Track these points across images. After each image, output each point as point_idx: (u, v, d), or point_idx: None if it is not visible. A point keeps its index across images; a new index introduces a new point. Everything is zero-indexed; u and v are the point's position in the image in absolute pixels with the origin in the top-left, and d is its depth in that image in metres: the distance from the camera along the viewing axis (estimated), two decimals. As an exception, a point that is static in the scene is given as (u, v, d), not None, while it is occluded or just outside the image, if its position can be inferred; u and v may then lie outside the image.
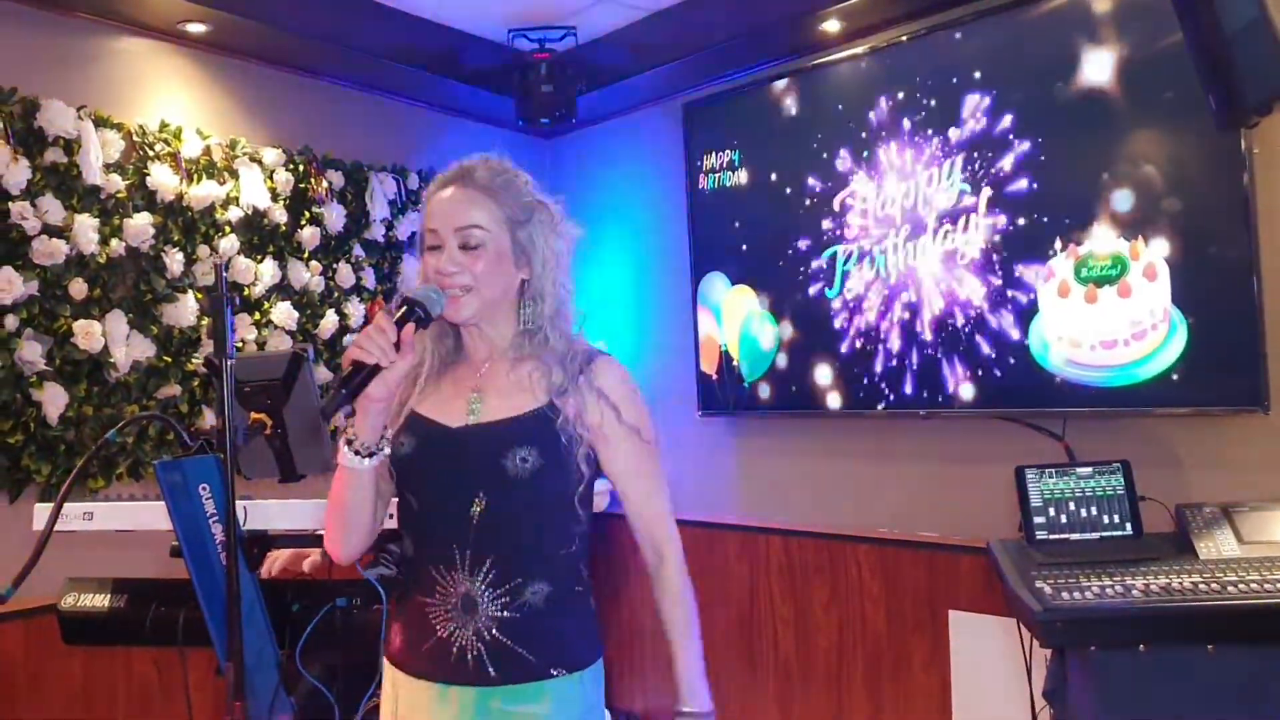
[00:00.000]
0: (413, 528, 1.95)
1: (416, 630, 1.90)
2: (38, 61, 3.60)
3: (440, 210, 1.93)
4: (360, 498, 1.90)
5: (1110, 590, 2.56)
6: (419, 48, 4.55)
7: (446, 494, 1.89)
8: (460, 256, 1.89)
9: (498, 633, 1.85)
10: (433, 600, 1.88)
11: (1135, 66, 3.36)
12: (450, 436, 1.91)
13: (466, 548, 1.86)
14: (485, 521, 1.86)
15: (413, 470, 1.92)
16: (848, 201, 4.12)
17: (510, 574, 1.87)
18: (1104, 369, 3.44)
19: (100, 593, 2.69)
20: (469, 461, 1.89)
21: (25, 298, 3.43)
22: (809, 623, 4.41)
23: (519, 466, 1.86)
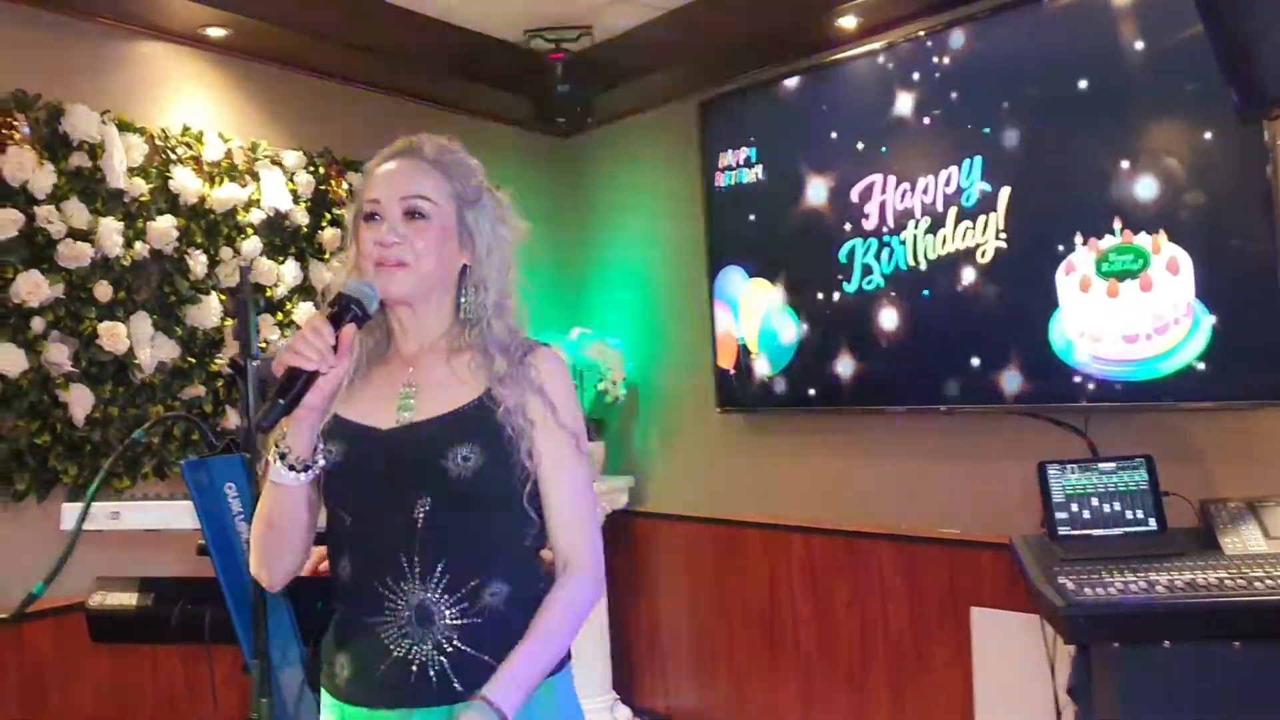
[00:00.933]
0: (348, 544, 1.76)
1: (366, 656, 1.71)
2: (61, 67, 3.63)
3: (384, 180, 1.80)
4: (294, 516, 1.75)
5: (1134, 586, 2.55)
6: (436, 49, 4.57)
7: (384, 502, 1.73)
8: (403, 228, 1.76)
9: (459, 642, 1.69)
10: (382, 619, 1.70)
11: (1156, 58, 3.34)
12: (382, 440, 1.75)
13: (414, 554, 1.69)
14: (431, 524, 1.70)
15: (343, 480, 1.75)
16: (866, 196, 4.12)
17: (466, 576, 1.71)
18: (1126, 363, 3.42)
19: (127, 591, 2.72)
20: (405, 466, 1.73)
21: (51, 300, 3.46)
22: (831, 620, 4.41)
23: (461, 466, 1.71)
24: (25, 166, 3.40)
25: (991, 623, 3.84)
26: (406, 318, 1.84)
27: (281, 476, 1.70)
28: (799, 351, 4.38)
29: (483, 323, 1.82)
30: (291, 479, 1.70)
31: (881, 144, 4.07)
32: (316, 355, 1.63)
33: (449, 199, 1.81)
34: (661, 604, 5.10)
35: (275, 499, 1.73)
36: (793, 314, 4.39)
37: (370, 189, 1.80)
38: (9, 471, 3.40)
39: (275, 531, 1.76)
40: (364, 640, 1.72)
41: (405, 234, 1.75)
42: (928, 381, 3.94)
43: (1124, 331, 3.42)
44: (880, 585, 4.25)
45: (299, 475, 1.70)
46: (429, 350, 1.84)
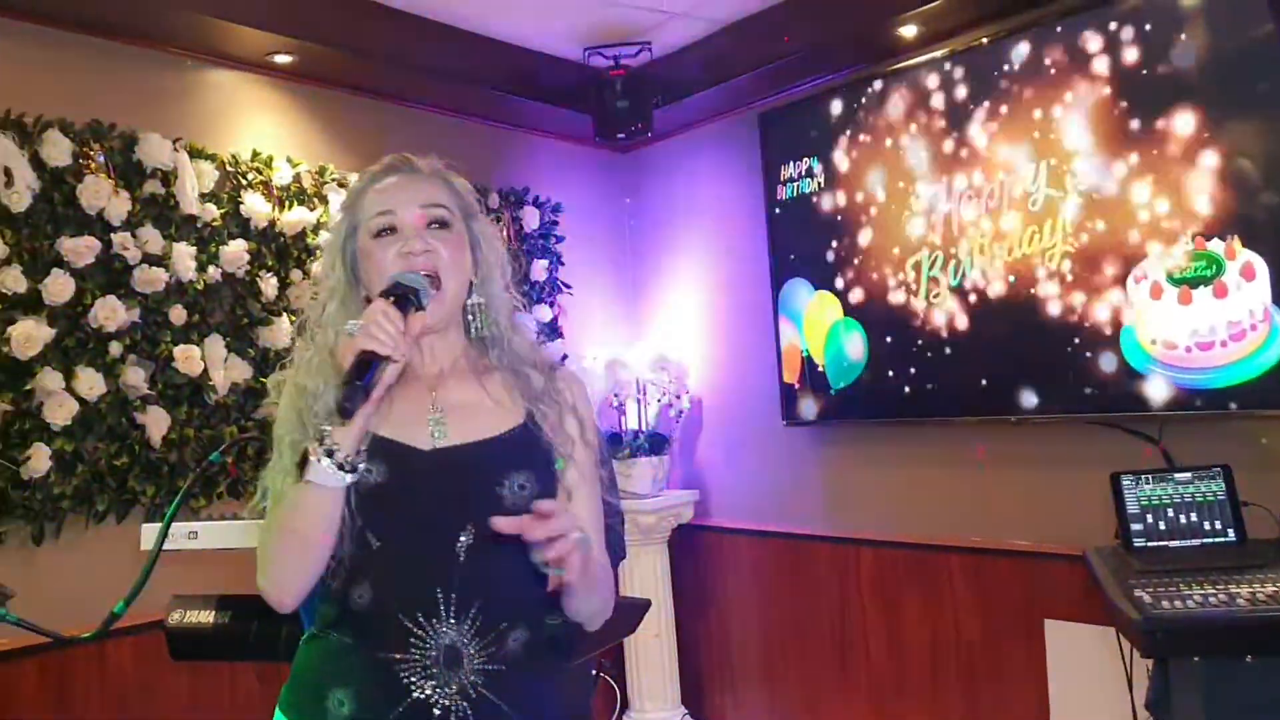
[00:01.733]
0: (373, 570, 1.61)
1: (380, 694, 1.57)
2: (135, 97, 3.73)
3: (394, 191, 1.72)
4: (329, 523, 1.58)
5: (1213, 599, 2.50)
6: (498, 69, 4.62)
7: (425, 528, 1.61)
8: (427, 236, 1.68)
9: (484, 688, 1.58)
10: (405, 656, 1.57)
11: (1226, 58, 3.29)
12: (429, 461, 1.64)
13: (452, 590, 1.59)
14: (473, 558, 1.60)
15: (382, 501, 1.60)
16: (931, 205, 4.09)
17: (497, 618, 1.61)
18: (1201, 371, 3.37)
19: (205, 609, 2.75)
20: (456, 489, 1.63)
21: (128, 325, 3.54)
22: (902, 635, 4.37)
23: (517, 494, 1.62)
24: (102, 194, 3.49)
25: (1066, 636, 3.78)
26: (425, 340, 1.74)
27: (325, 477, 1.54)
28: (865, 364, 4.35)
29: (503, 341, 1.77)
30: (337, 480, 1.55)
31: (945, 151, 4.04)
32: (390, 340, 1.53)
33: (458, 210, 1.76)
34: (729, 618, 5.08)
35: (310, 504, 1.57)
36: (858, 326, 4.37)
37: (375, 203, 1.71)
38: (89, 493, 3.48)
39: (302, 541, 1.59)
40: (376, 676, 1.58)
41: (432, 243, 1.68)
42: (996, 392, 3.90)
43: (1198, 338, 3.36)
44: (952, 598, 4.21)
45: (345, 475, 1.55)
46: (451, 371, 1.75)
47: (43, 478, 3.33)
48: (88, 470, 3.46)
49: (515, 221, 5.02)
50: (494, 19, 4.39)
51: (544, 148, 5.26)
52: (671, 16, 4.46)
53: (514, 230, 5.00)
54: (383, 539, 1.60)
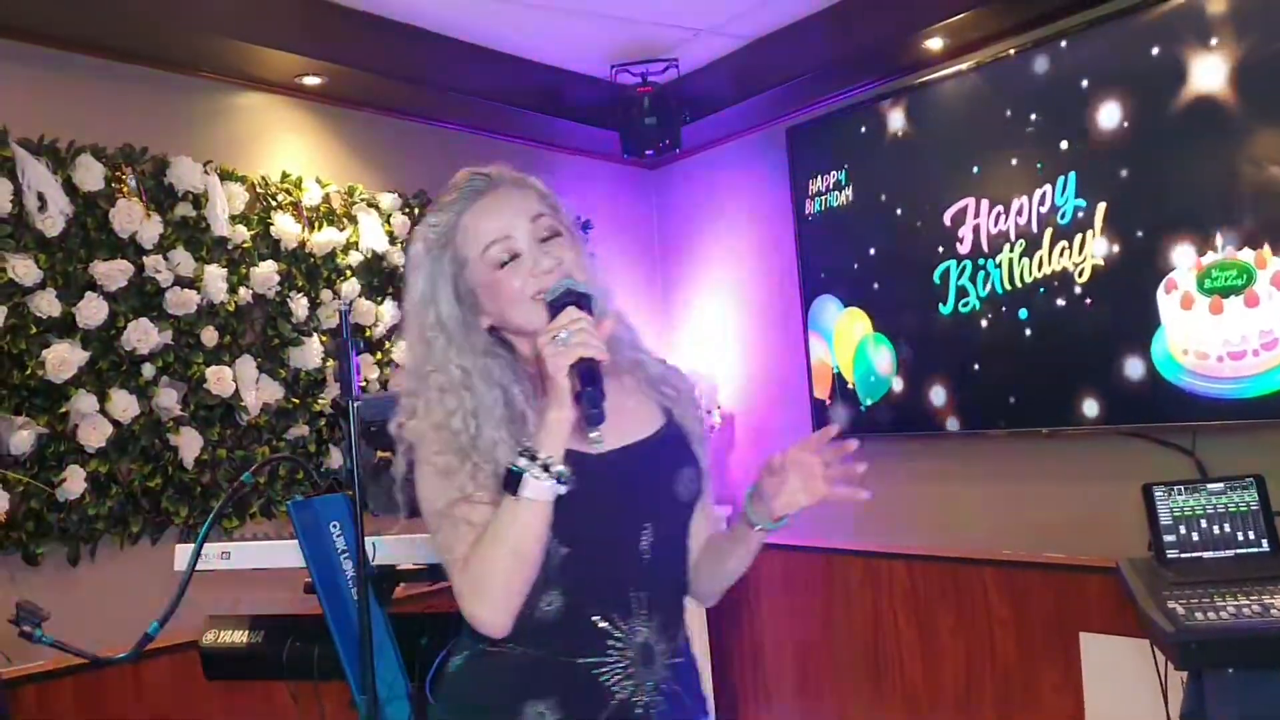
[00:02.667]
0: (563, 578, 1.59)
1: (581, 701, 1.57)
2: (166, 121, 3.77)
3: (494, 216, 1.65)
4: (544, 534, 1.54)
5: (1247, 609, 2.47)
6: (525, 88, 4.64)
7: (613, 529, 1.62)
8: (547, 249, 1.63)
9: (672, 683, 1.63)
10: (604, 659, 1.58)
11: (1255, 67, 3.26)
12: (602, 465, 1.60)
13: (642, 589, 1.61)
14: (656, 555, 1.63)
15: (568, 508, 1.55)
16: (959, 219, 4.08)
17: (673, 614, 1.67)
18: (1233, 380, 3.33)
19: (239, 629, 2.79)
20: (637, 490, 1.64)
21: (161, 347, 3.58)
22: (936, 648, 4.34)
23: (687, 488, 1.68)
24: (134, 218, 3.53)
25: (1101, 648, 3.75)
26: None
27: (541, 492, 1.49)
28: (895, 378, 4.33)
29: (624, 343, 1.75)
30: (552, 492, 1.50)
31: (973, 165, 4.02)
32: (597, 342, 1.51)
33: (553, 211, 1.70)
34: (763, 632, 5.06)
35: (528, 521, 1.51)
36: (887, 341, 4.35)
37: (484, 234, 1.64)
38: (124, 514, 3.51)
39: (522, 558, 1.53)
40: (575, 683, 1.57)
41: (554, 254, 1.63)
42: (1028, 404, 3.88)
43: (1230, 348, 3.32)
44: (986, 611, 4.18)
45: (559, 487, 1.51)
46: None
47: (78, 499, 3.36)
48: (122, 492, 3.49)
49: (544, 239, 5.03)
50: (520, 38, 4.41)
51: (572, 165, 5.28)
52: (698, 33, 4.47)
53: (542, 248, 5.01)
54: (569, 544, 1.58)
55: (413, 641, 2.51)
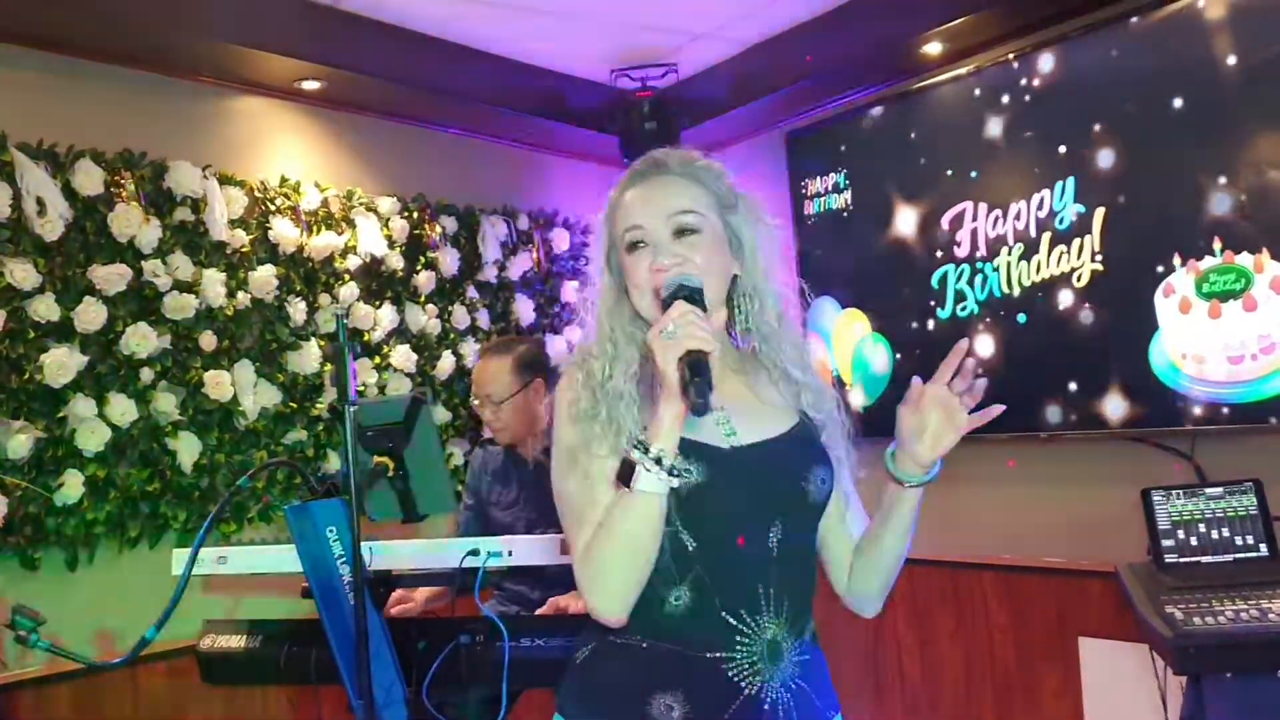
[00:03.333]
0: (690, 572, 1.60)
1: (711, 696, 1.57)
2: (165, 125, 3.78)
3: (640, 203, 1.68)
4: (660, 527, 1.54)
5: (1245, 614, 2.47)
6: (525, 92, 4.64)
7: (742, 525, 1.61)
8: (677, 247, 1.64)
9: (800, 679, 1.63)
10: (730, 654, 1.58)
11: (1251, 71, 3.26)
12: (733, 460, 1.62)
13: (770, 585, 1.61)
14: (784, 552, 1.62)
15: (699, 502, 1.57)
16: (957, 223, 4.08)
17: (803, 609, 1.66)
18: (1232, 385, 3.33)
19: (236, 634, 2.77)
20: (767, 485, 1.63)
21: (159, 351, 3.58)
22: (935, 653, 4.34)
23: (819, 489, 1.66)
24: (132, 222, 3.54)
25: (1101, 653, 3.74)
26: None
27: (654, 484, 1.49)
28: (892, 381, 4.33)
29: (772, 339, 1.75)
30: (664, 485, 1.50)
31: (971, 169, 4.02)
32: (707, 335, 1.48)
33: (710, 208, 1.69)
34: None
35: (642, 514, 1.52)
36: (885, 342, 4.35)
37: (626, 217, 1.68)
38: (122, 518, 3.51)
39: (637, 551, 1.54)
40: (704, 678, 1.58)
41: (681, 252, 1.63)
42: (1027, 409, 3.87)
43: (1228, 352, 3.32)
44: (985, 616, 4.17)
45: (673, 480, 1.50)
46: (718, 372, 1.56)
47: (76, 504, 3.36)
48: (120, 496, 3.50)
49: (545, 244, 5.04)
50: (520, 42, 4.42)
51: (573, 170, 5.28)
52: (696, 38, 4.48)
53: (544, 252, 5.02)
54: (700, 538, 1.59)
55: (410, 646, 2.51)
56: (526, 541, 2.50)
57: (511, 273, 4.84)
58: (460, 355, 4.54)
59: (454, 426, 4.50)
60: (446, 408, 4.48)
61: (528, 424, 3.17)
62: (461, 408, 4.52)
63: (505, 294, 4.83)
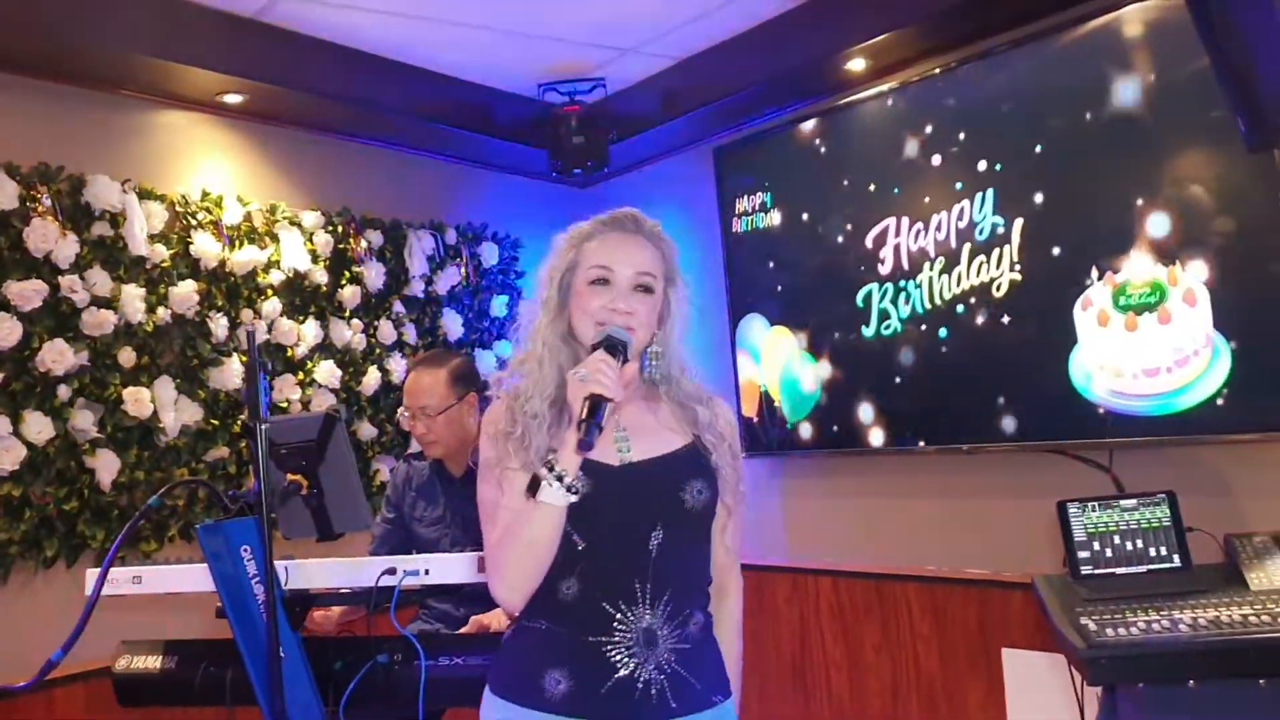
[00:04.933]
0: (580, 567, 1.88)
1: (589, 672, 1.85)
2: (83, 138, 3.72)
3: (617, 249, 1.98)
4: (557, 533, 1.84)
5: (1157, 625, 2.51)
6: (452, 106, 4.63)
7: (624, 529, 1.89)
8: (632, 299, 1.95)
9: (676, 664, 1.87)
10: (610, 638, 1.85)
11: (1169, 89, 3.33)
12: (621, 474, 1.91)
13: (648, 581, 1.87)
14: (662, 553, 1.88)
15: (586, 509, 1.86)
16: (881, 240, 4.12)
17: (682, 605, 1.90)
18: (1147, 398, 3.39)
19: (152, 654, 2.72)
20: (647, 495, 1.90)
21: (76, 368, 3.52)
22: (861, 664, 4.37)
23: (695, 498, 1.91)
24: (49, 237, 3.48)
25: (1023, 664, 3.79)
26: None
27: (555, 498, 1.80)
28: (820, 396, 4.36)
29: (673, 382, 2.04)
30: (564, 499, 1.81)
31: (894, 185, 4.07)
32: (612, 384, 1.80)
33: (661, 278, 2.00)
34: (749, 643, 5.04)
35: (542, 521, 1.82)
36: (811, 359, 4.39)
37: (598, 255, 1.97)
38: (38, 538, 3.44)
39: (536, 551, 1.84)
40: (586, 657, 1.85)
41: (635, 306, 1.93)
42: (949, 421, 3.92)
43: (1144, 365, 3.39)
44: (910, 628, 4.21)
45: (571, 496, 1.81)
46: (630, 400, 1.97)
47: (-11, 524, 3.29)
48: (36, 515, 3.43)
49: (474, 258, 5.02)
50: (446, 55, 4.41)
51: (501, 184, 5.27)
52: (624, 53, 4.50)
53: (473, 267, 5.00)
54: (586, 540, 1.87)
55: (328, 666, 2.48)
56: (444, 560, 2.48)
57: (439, 287, 4.81)
58: (386, 371, 4.51)
59: (380, 443, 4.46)
60: (373, 424, 4.43)
61: (460, 438, 3.15)
62: (388, 424, 4.48)
63: (433, 308, 4.80)
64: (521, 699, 1.89)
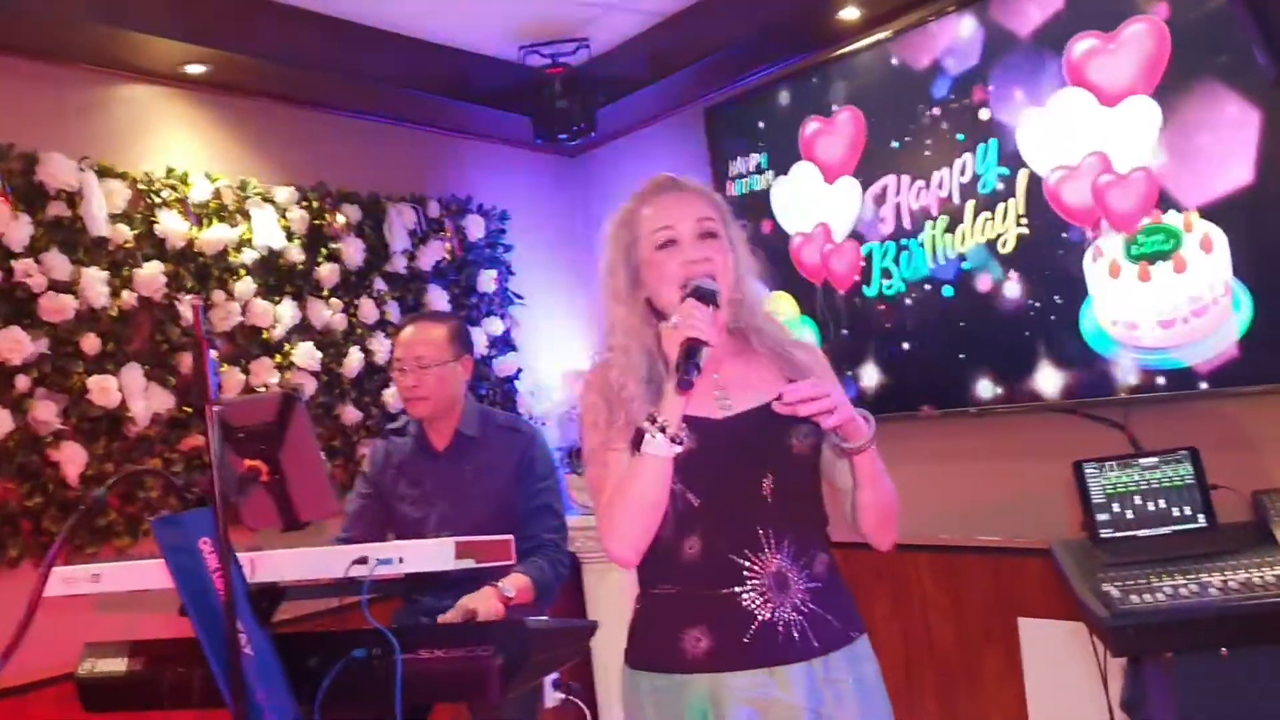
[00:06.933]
0: (699, 524, 1.92)
1: (730, 624, 1.88)
2: (35, 115, 3.55)
3: (673, 207, 1.99)
4: (666, 489, 1.87)
5: (1184, 590, 2.36)
6: (429, 72, 4.45)
7: (736, 481, 1.91)
8: (702, 247, 1.95)
9: (811, 603, 1.89)
10: (742, 588, 1.88)
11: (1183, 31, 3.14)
12: (725, 427, 1.94)
13: (769, 525, 1.90)
14: (778, 498, 1.90)
15: (696, 465, 1.89)
16: (881, 198, 3.94)
17: (805, 546, 1.92)
18: (1165, 350, 3.23)
19: (118, 657, 2.61)
20: (754, 445, 1.92)
21: (35, 357, 3.36)
22: (874, 639, 4.19)
23: (803, 442, 1.92)
24: (0, 219, 3.30)
25: (1041, 634, 3.65)
26: None
27: (660, 449, 1.82)
28: (819, 360, 4.20)
29: (761, 330, 2.05)
30: (670, 450, 1.82)
31: (892, 139, 3.90)
32: (707, 327, 1.80)
33: (721, 221, 2.01)
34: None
35: (650, 473, 1.85)
36: (812, 324, 4.21)
37: (656, 219, 1.98)
38: (1, 536, 3.28)
39: (645, 505, 1.87)
40: (722, 610, 1.88)
41: (706, 253, 1.95)
42: (956, 383, 3.76)
43: (1159, 317, 3.22)
44: (922, 598, 4.07)
45: (676, 447, 1.83)
46: (719, 357, 1.97)
47: (-51, 523, 3.13)
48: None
49: (459, 231, 4.84)
50: (422, 19, 4.22)
51: (486, 154, 5.10)
52: (608, 9, 4.30)
53: (458, 241, 4.82)
54: (702, 496, 1.91)
55: (301, 663, 2.34)
56: (419, 547, 2.32)
57: (422, 263, 4.62)
58: (370, 351, 4.33)
59: (365, 426, 4.29)
60: (357, 407, 4.27)
61: (448, 397, 3.08)
62: (373, 406, 4.32)
63: (417, 285, 4.61)
64: (663, 665, 1.92)
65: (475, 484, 3.07)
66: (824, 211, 4.18)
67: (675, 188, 2.04)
